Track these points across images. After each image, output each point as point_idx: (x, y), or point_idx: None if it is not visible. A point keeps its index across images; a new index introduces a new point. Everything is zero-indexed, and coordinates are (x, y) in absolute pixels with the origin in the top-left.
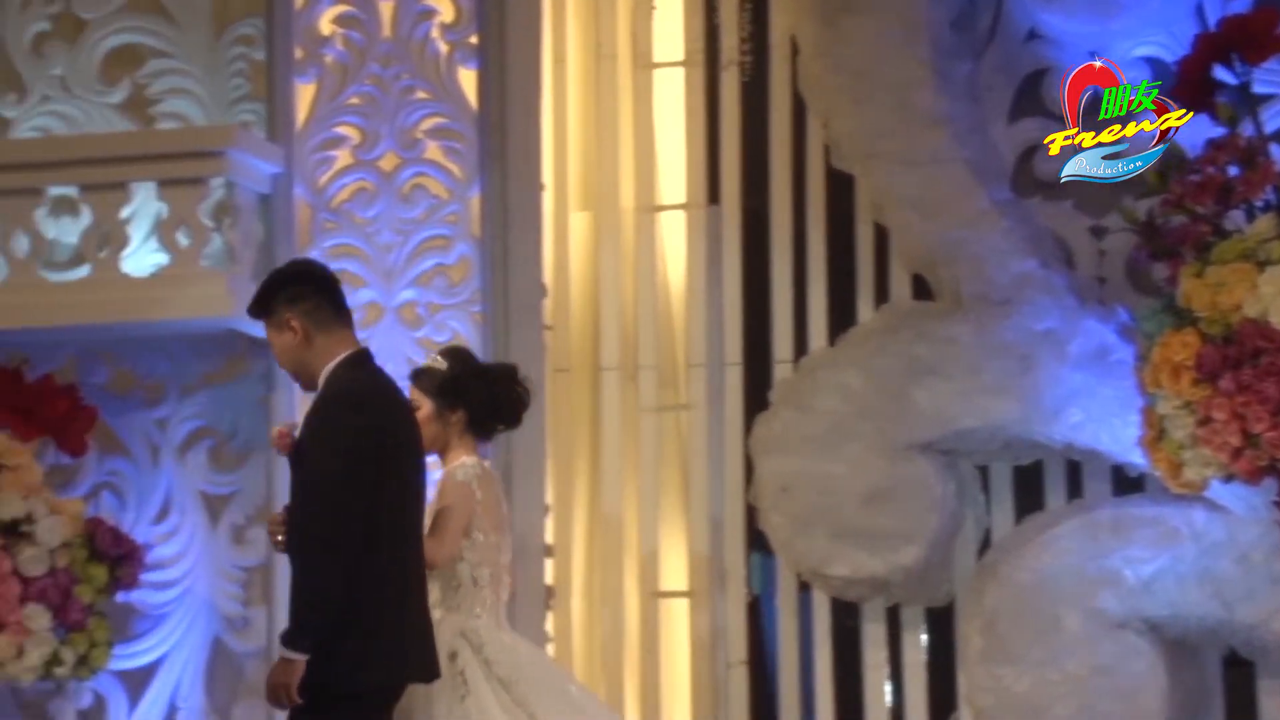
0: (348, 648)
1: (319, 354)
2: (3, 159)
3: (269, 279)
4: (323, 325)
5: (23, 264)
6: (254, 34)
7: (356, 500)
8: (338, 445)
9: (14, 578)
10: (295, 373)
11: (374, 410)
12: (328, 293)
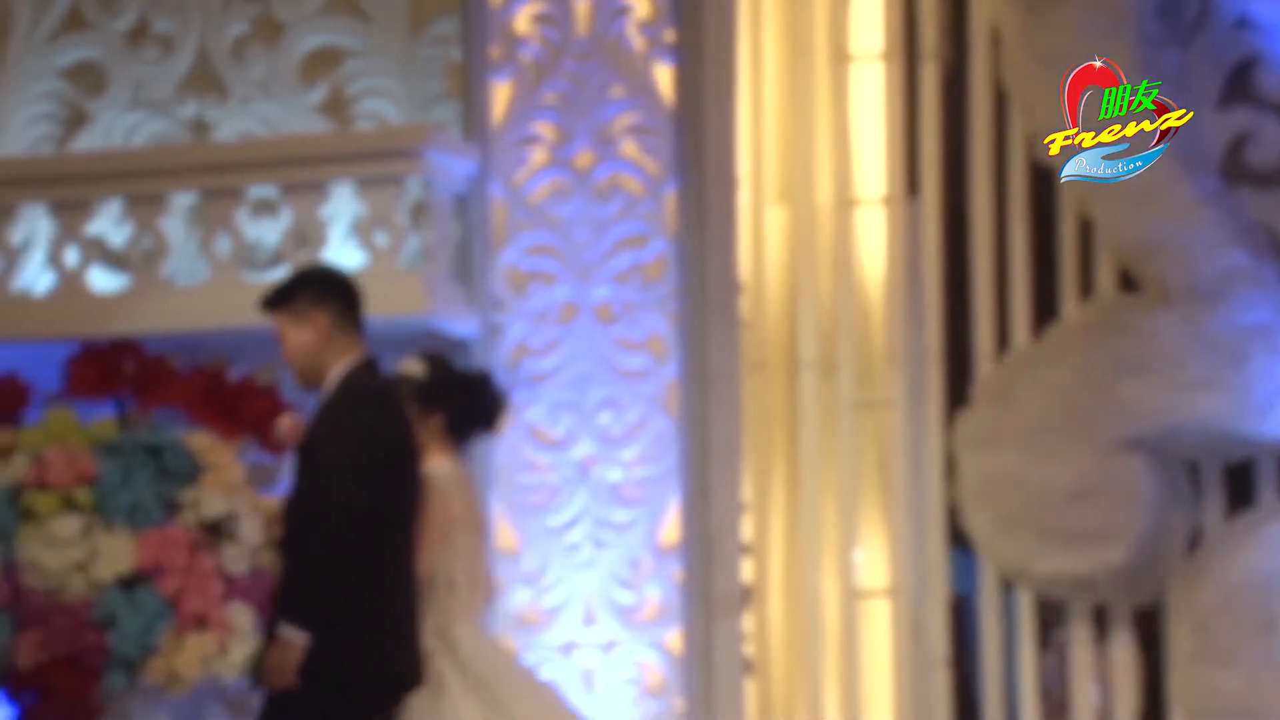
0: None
1: (334, 355)
2: (204, 161)
3: (300, 275)
4: (343, 329)
5: (224, 265)
6: (450, 33)
7: (371, 496)
8: (359, 443)
9: (217, 576)
10: (303, 368)
11: (390, 416)
12: (353, 299)
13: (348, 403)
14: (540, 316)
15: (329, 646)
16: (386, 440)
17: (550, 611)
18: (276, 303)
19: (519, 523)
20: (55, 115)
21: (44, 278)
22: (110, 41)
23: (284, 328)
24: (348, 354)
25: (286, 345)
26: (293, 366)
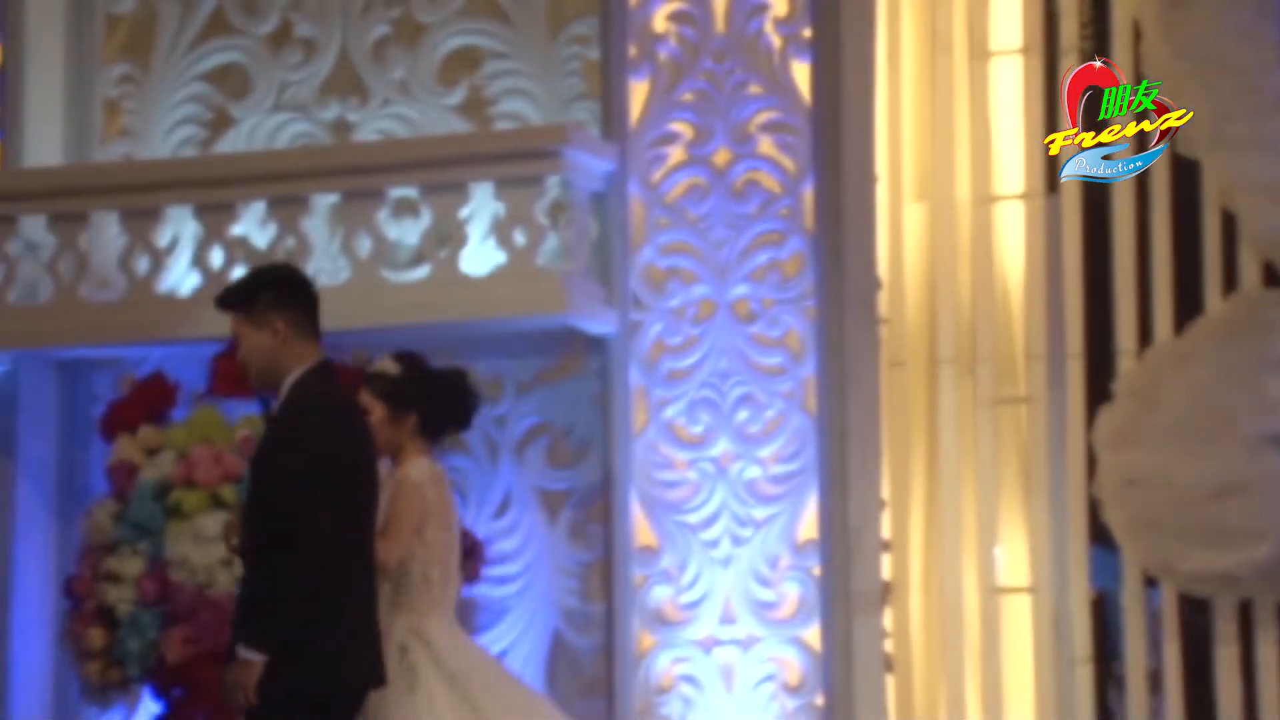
0: (319, 652)
1: (291, 359)
2: (346, 162)
3: (256, 276)
4: (302, 333)
5: (365, 265)
6: (589, 33)
7: (326, 507)
8: (311, 452)
9: None
10: (260, 372)
11: (344, 421)
12: (312, 303)
13: (296, 414)
14: (678, 314)
15: (287, 657)
16: (336, 447)
17: (689, 608)
18: (235, 303)
19: (657, 520)
20: (200, 118)
21: (189, 278)
22: (253, 45)
23: (241, 329)
24: (305, 359)
25: (243, 347)
26: (248, 369)
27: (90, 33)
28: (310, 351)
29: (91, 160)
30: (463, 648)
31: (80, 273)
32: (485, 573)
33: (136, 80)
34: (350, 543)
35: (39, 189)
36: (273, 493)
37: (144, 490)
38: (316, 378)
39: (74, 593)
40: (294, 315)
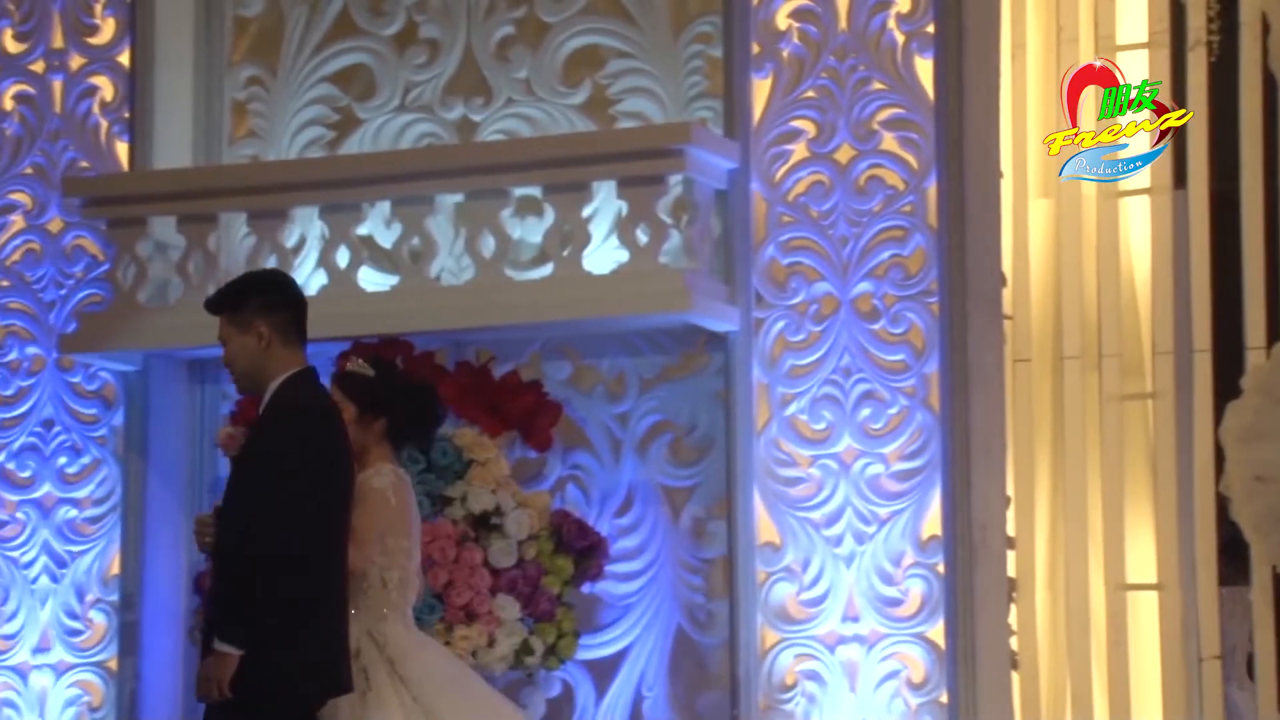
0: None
1: (275, 364)
2: (470, 162)
3: (245, 281)
4: (286, 339)
5: (489, 264)
6: (711, 31)
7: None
8: (297, 455)
9: (484, 569)
10: (244, 376)
11: (324, 427)
12: (298, 310)
13: (283, 417)
14: (800, 311)
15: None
16: (321, 451)
17: (812, 605)
18: (222, 307)
19: (780, 517)
20: (326, 120)
21: (316, 277)
22: (379, 47)
23: (228, 332)
24: (289, 365)
25: (228, 351)
26: (233, 372)
27: (219, 35)
28: (294, 358)
29: (220, 162)
30: (420, 653)
31: (209, 273)
32: (608, 570)
33: (264, 82)
34: (325, 547)
35: (168, 191)
36: (252, 494)
37: None
38: (300, 383)
39: (203, 589)
40: (279, 321)
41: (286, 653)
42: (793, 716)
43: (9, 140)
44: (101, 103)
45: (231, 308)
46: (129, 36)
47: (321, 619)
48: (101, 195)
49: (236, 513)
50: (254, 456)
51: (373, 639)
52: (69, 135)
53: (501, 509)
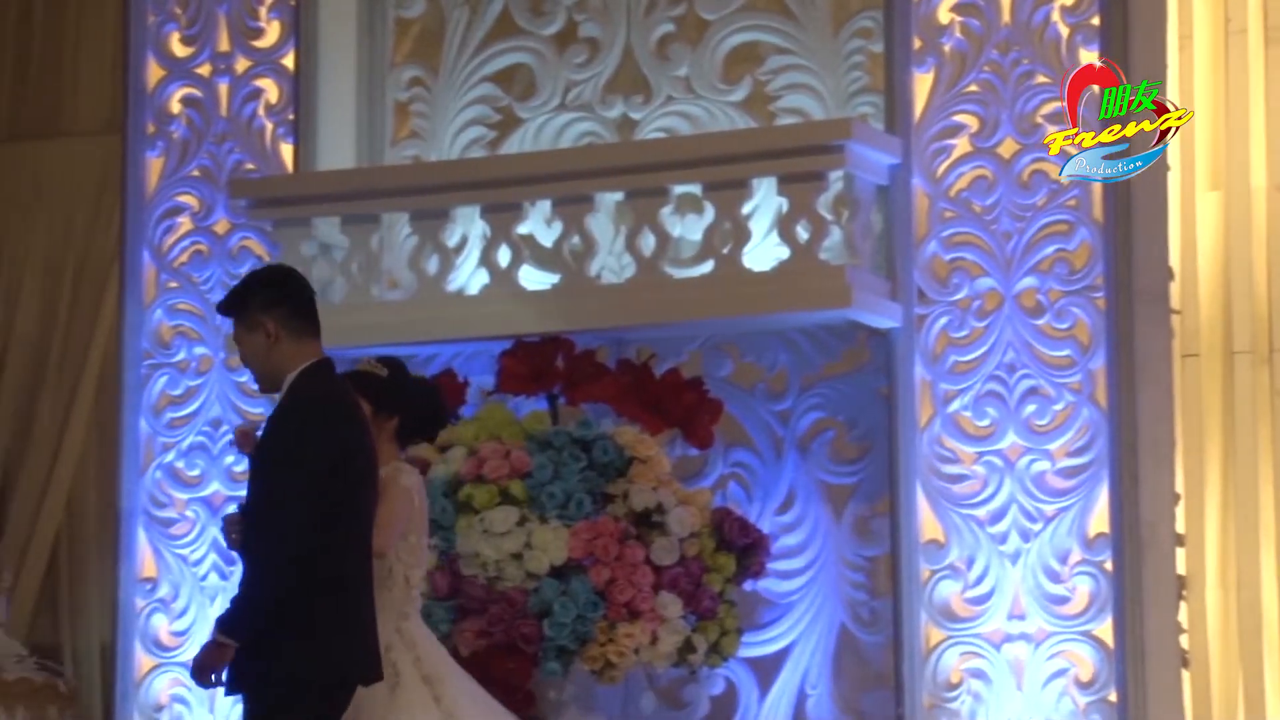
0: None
1: (287, 358)
2: (630, 160)
3: (246, 281)
4: (294, 332)
5: (649, 262)
6: (872, 27)
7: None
8: (304, 449)
9: (647, 566)
10: (260, 374)
11: (339, 418)
12: (302, 301)
13: (291, 411)
14: (963, 307)
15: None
16: (330, 444)
17: (977, 603)
18: (229, 310)
19: (944, 514)
20: (487, 120)
21: (478, 277)
22: (539, 46)
23: (238, 334)
24: (302, 358)
25: (241, 352)
26: (251, 372)
27: (381, 37)
28: (307, 350)
29: (382, 163)
30: (438, 652)
31: (372, 273)
32: (770, 567)
33: (425, 83)
34: (343, 536)
35: (332, 192)
36: (262, 486)
37: (435, 486)
38: (314, 375)
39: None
40: (284, 314)
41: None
42: (958, 715)
43: (177, 143)
44: (266, 105)
45: (237, 309)
46: (293, 39)
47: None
48: (267, 197)
49: (252, 508)
50: (265, 451)
51: (400, 636)
52: (235, 138)
53: (663, 506)
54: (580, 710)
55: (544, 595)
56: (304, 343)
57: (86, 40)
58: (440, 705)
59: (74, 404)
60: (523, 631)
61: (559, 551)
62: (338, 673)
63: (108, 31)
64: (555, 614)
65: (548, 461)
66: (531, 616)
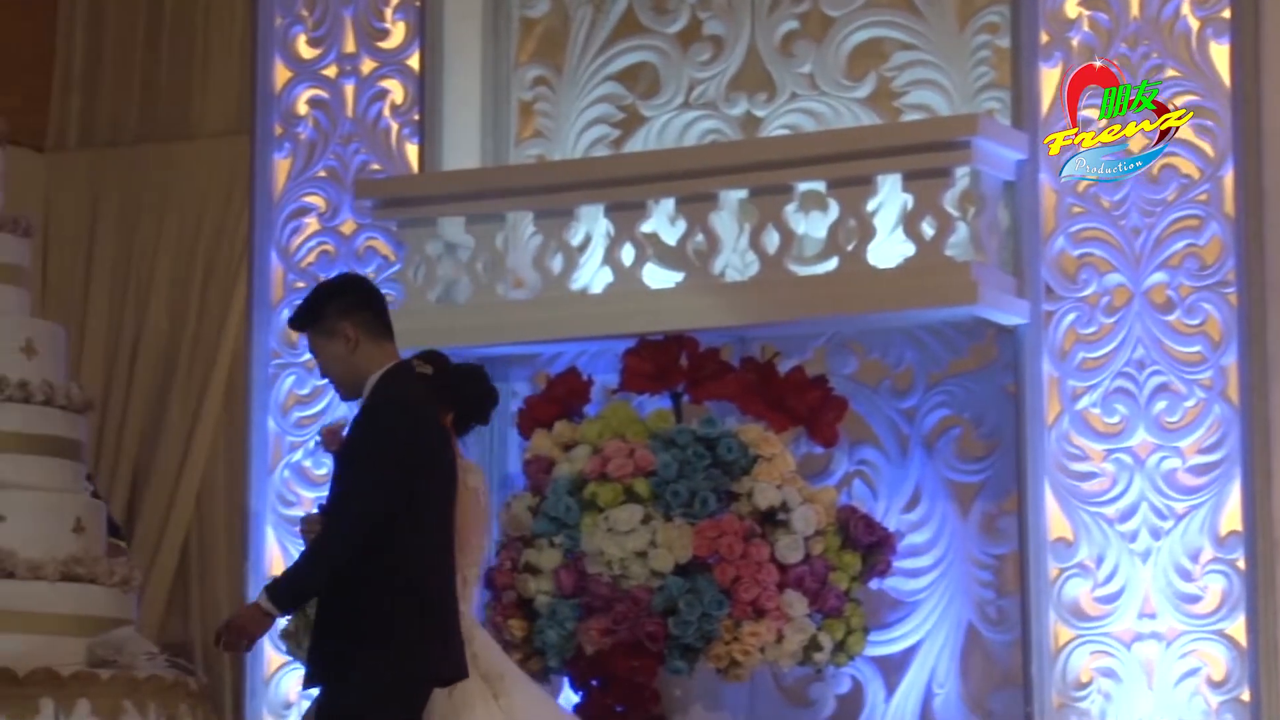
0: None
1: (368, 362)
2: (754, 158)
3: (319, 291)
4: (372, 335)
5: (773, 259)
6: (999, 21)
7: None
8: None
9: (772, 564)
10: (341, 381)
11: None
12: (375, 305)
13: (370, 410)
14: (1091, 303)
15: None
16: (407, 443)
17: (1107, 601)
18: (304, 323)
19: (1072, 512)
20: (610, 118)
21: (601, 275)
22: (663, 44)
23: (316, 345)
24: (381, 360)
25: (321, 362)
26: (332, 381)
27: (505, 37)
28: (385, 353)
29: (507, 162)
30: (495, 650)
31: (497, 272)
32: (896, 566)
33: (550, 82)
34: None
35: (457, 191)
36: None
37: (560, 484)
38: (395, 377)
39: (494, 584)
40: (361, 319)
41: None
42: (1088, 715)
43: (303, 145)
44: (392, 106)
45: (313, 320)
46: (418, 40)
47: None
48: (392, 197)
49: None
50: (345, 450)
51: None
52: (360, 138)
53: (788, 504)
54: (706, 708)
55: (669, 593)
56: (382, 346)
57: (215, 43)
58: (498, 702)
59: (203, 404)
60: (648, 630)
61: (684, 549)
62: (420, 672)
63: (236, 34)
64: (680, 612)
65: (672, 460)
66: (656, 615)
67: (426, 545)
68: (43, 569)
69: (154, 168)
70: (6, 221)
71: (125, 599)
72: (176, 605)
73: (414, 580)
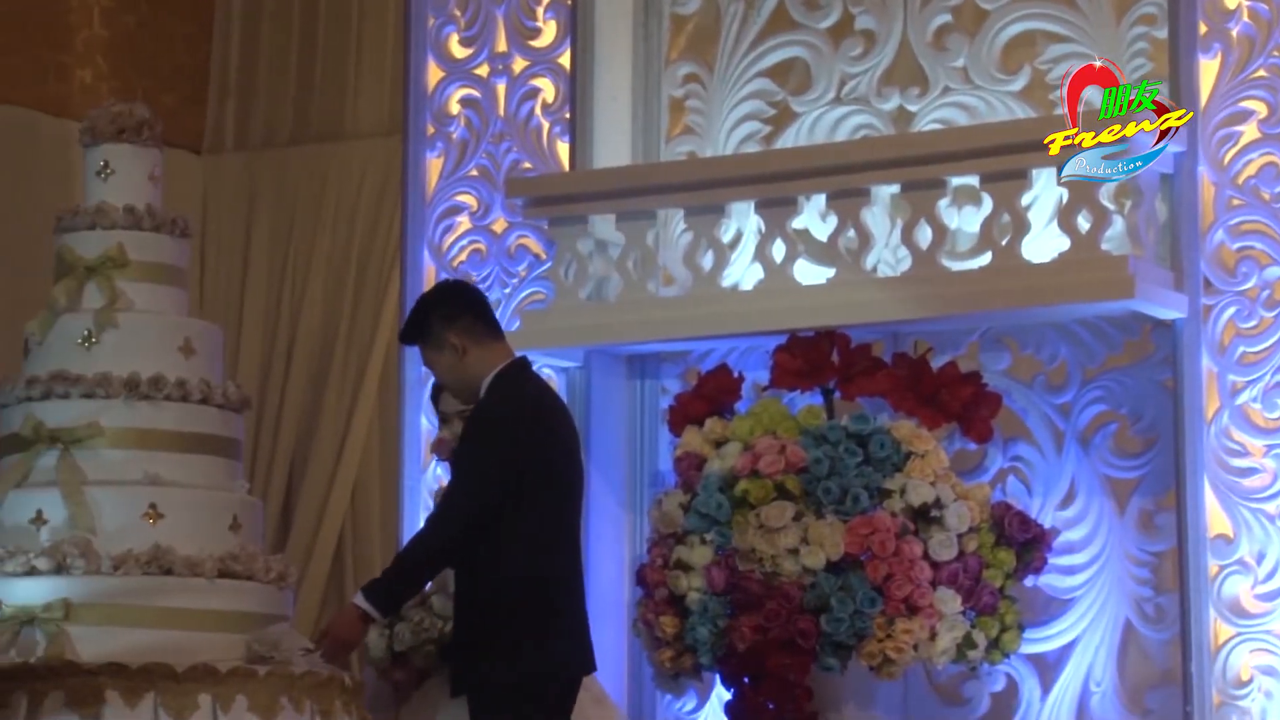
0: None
1: (479, 366)
2: (907, 152)
3: (419, 305)
4: (478, 339)
5: (925, 254)
6: (1155, 13)
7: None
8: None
9: (925, 562)
10: (457, 389)
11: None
12: (479, 309)
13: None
14: (1251, 297)
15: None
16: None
17: (1269, 599)
18: (412, 339)
19: (1232, 509)
20: (761, 114)
21: (752, 271)
22: (814, 39)
23: (427, 359)
24: (495, 360)
25: (435, 372)
26: (451, 391)
27: (656, 35)
28: (497, 353)
29: (657, 159)
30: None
31: (647, 269)
32: (1052, 563)
33: (700, 79)
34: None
35: (608, 189)
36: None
37: (710, 481)
38: (508, 376)
39: (645, 581)
40: (464, 326)
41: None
42: (1248, 714)
43: (455, 144)
44: (543, 104)
45: (419, 335)
46: (569, 39)
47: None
48: (543, 195)
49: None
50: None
51: None
52: (512, 137)
53: (941, 501)
54: (859, 706)
55: (821, 590)
56: (491, 348)
57: (368, 44)
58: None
59: (358, 401)
60: (800, 627)
61: (835, 547)
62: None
63: (388, 35)
64: (832, 609)
65: (824, 456)
66: (808, 612)
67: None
68: (200, 566)
69: (308, 169)
70: (165, 223)
71: (281, 595)
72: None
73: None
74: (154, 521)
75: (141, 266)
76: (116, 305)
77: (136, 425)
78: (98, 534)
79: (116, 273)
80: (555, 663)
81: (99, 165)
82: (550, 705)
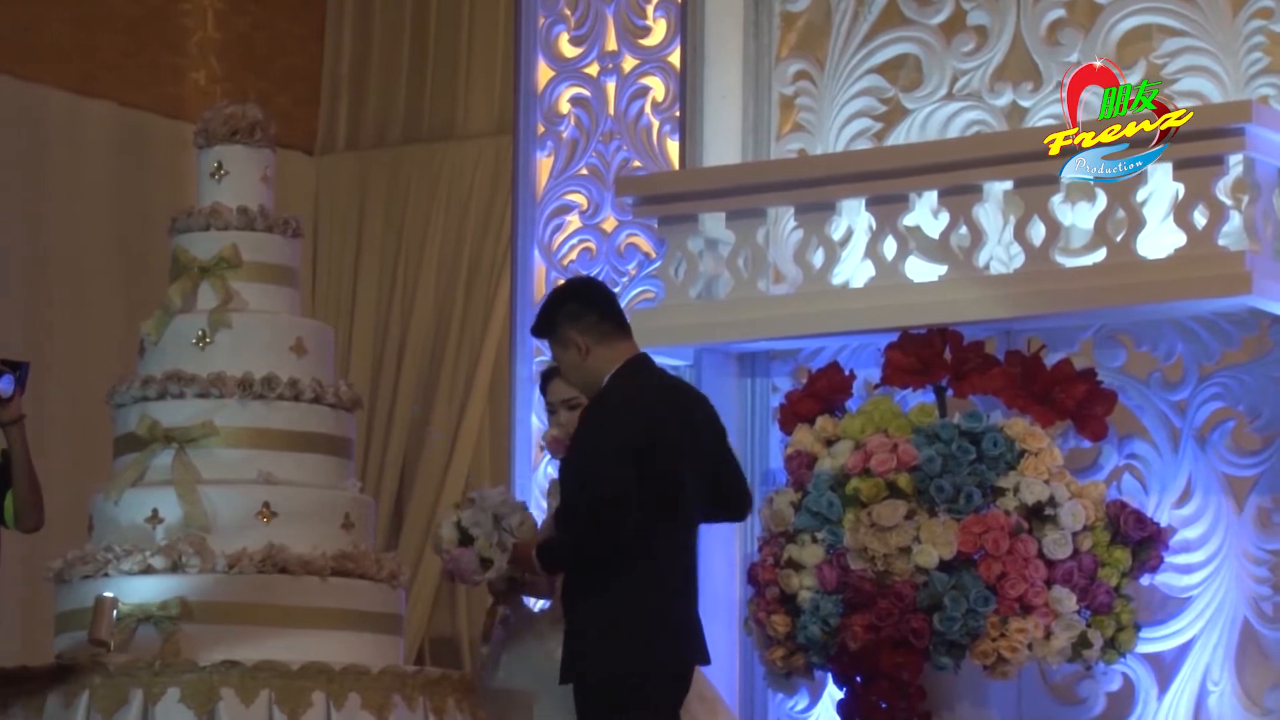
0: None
1: (602, 364)
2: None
3: (549, 300)
4: (602, 338)
5: (1039, 251)
6: (1273, 7)
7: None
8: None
9: (1039, 560)
10: (582, 387)
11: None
12: (605, 306)
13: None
14: None
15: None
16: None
17: None
18: (541, 333)
19: None
20: (872, 111)
21: (863, 269)
22: (926, 35)
23: (556, 354)
24: (617, 358)
25: (562, 369)
26: (575, 385)
27: (766, 32)
28: (619, 351)
29: (767, 157)
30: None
31: (757, 268)
32: (1168, 561)
33: (811, 76)
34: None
35: (718, 187)
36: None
37: (821, 479)
38: (624, 373)
39: (756, 580)
40: (588, 323)
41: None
42: None
43: (565, 143)
44: (653, 103)
45: (547, 331)
46: (679, 37)
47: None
48: (653, 194)
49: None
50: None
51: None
52: (621, 135)
53: (1055, 499)
54: (972, 705)
55: (933, 589)
56: (614, 346)
57: (479, 44)
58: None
59: (468, 400)
60: (912, 626)
61: (948, 545)
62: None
63: (499, 35)
64: (945, 608)
65: (936, 454)
66: (921, 611)
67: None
68: (314, 564)
69: (419, 168)
70: (277, 223)
71: (394, 594)
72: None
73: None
74: (267, 520)
75: (254, 267)
76: (230, 305)
77: (250, 425)
78: (212, 532)
79: (230, 273)
80: (657, 660)
81: (213, 166)
82: (654, 700)
